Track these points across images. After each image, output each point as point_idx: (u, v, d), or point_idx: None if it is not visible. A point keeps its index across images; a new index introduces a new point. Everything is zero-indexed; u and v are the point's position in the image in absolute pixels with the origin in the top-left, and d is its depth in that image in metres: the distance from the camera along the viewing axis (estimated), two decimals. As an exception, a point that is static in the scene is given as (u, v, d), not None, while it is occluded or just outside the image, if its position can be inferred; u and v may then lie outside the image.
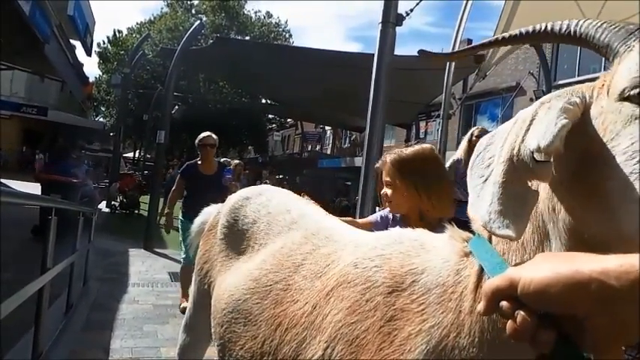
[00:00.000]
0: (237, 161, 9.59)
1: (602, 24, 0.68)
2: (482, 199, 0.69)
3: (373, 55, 3.72)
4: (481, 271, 0.75)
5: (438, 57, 2.11)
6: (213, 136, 4.90)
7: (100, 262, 6.38)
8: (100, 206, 11.84)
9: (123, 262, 6.92)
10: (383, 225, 1.82)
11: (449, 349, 0.75)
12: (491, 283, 0.60)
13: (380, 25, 3.62)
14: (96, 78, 31.56)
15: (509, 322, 0.56)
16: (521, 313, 0.54)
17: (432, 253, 0.89)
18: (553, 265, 0.54)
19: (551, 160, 0.64)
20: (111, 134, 23.48)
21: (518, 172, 0.65)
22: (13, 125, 21.56)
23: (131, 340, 3.75)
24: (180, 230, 4.88)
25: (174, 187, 5.00)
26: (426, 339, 0.78)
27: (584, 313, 0.50)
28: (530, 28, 0.78)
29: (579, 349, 0.53)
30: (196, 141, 4.90)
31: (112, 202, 13.82)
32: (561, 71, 15.97)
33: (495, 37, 0.87)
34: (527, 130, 0.66)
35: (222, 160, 9.31)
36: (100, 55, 30.74)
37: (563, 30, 0.72)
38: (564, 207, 0.68)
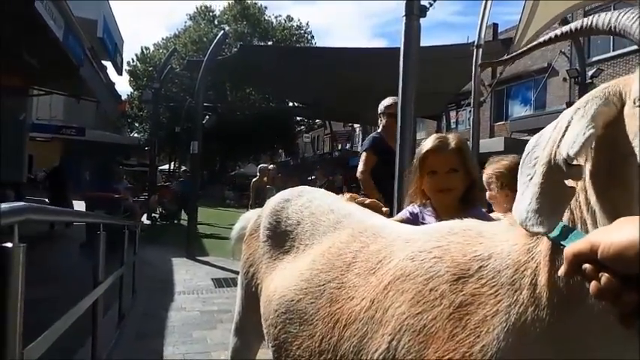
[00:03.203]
0: (272, 165, 9.73)
1: (637, 17, 0.72)
2: (525, 198, 0.77)
3: (398, 49, 3.70)
4: (554, 244, 0.78)
5: (501, 62, 2.29)
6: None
7: (146, 273, 6.58)
8: (142, 219, 12.22)
9: (167, 271, 7.11)
10: (413, 221, 1.78)
11: (529, 322, 0.78)
12: (572, 247, 0.63)
13: (404, 18, 3.59)
14: (128, 95, 32.51)
15: (594, 283, 0.59)
16: (606, 274, 0.57)
17: (494, 239, 0.92)
18: (632, 229, 0.56)
19: (582, 163, 0.74)
20: (146, 148, 24.15)
21: (555, 174, 0.74)
22: (54, 147, 22.49)
23: (182, 346, 3.86)
24: None
25: (362, 167, 3.66)
26: (505, 318, 0.81)
27: None
28: (576, 25, 0.84)
29: None
30: (381, 107, 3.87)
31: (152, 214, 14.22)
32: (595, 47, 15.29)
33: (548, 35, 0.94)
34: (563, 136, 0.74)
35: (259, 166, 9.49)
36: (130, 72, 31.62)
37: (605, 25, 0.77)
38: (597, 195, 0.75)
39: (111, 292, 3.81)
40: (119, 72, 14.87)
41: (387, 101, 3.88)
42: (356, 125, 31.38)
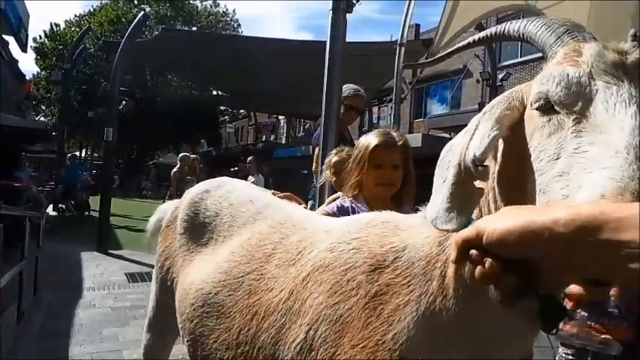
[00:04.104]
0: (194, 155, 9.42)
1: (541, 26, 0.79)
2: (437, 198, 0.80)
3: (324, 42, 3.71)
4: None
5: (424, 64, 2.35)
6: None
7: (51, 268, 6.10)
8: (47, 210, 11.30)
9: (76, 266, 6.64)
10: (342, 215, 1.77)
11: (437, 312, 0.83)
12: (461, 234, 0.66)
13: (331, 12, 3.61)
14: (33, 75, 29.93)
15: (478, 268, 0.62)
16: (489, 259, 0.61)
17: (410, 232, 0.95)
18: (513, 217, 0.60)
19: (488, 164, 0.77)
20: (53, 134, 22.36)
21: (464, 175, 0.77)
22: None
23: (90, 345, 3.63)
24: None
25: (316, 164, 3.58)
26: (415, 307, 0.84)
27: (539, 256, 0.58)
28: (492, 31, 0.90)
29: (537, 289, 0.60)
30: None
31: (60, 205, 13.21)
32: (505, 52, 16.54)
33: (467, 40, 1.01)
34: (471, 139, 0.78)
35: (180, 155, 9.14)
36: (36, 50, 29.06)
37: (515, 32, 0.83)
38: (501, 193, 0.80)
39: (9, 289, 3.49)
40: (23, 49, 13.61)
41: (346, 91, 3.69)
42: (281, 117, 31.32)
